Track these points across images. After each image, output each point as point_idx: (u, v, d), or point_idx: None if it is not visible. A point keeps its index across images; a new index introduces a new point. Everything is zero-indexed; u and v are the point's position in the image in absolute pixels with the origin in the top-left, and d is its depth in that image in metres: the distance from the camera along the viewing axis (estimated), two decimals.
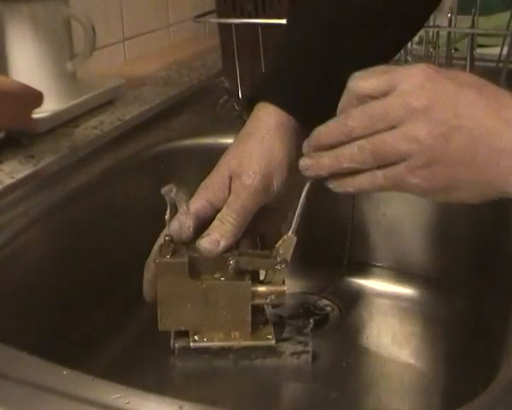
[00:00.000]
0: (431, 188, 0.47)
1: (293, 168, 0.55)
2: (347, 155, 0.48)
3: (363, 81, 0.48)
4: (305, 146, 0.52)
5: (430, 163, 0.45)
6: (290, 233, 0.55)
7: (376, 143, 0.47)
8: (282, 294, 0.56)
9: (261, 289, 0.56)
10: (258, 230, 0.58)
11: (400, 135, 0.46)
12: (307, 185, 0.54)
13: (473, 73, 0.48)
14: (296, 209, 0.55)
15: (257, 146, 0.56)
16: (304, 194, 0.54)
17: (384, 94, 0.47)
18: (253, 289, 0.56)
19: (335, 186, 0.51)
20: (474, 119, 0.45)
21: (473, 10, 0.93)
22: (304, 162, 0.52)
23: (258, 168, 0.55)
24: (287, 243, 0.55)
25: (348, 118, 0.48)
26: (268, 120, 0.57)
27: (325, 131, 0.50)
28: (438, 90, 0.45)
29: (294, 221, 0.55)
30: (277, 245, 0.56)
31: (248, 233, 0.56)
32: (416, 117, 0.45)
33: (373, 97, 0.47)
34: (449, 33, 0.87)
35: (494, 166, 0.45)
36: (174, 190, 0.53)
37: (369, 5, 0.59)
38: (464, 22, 0.95)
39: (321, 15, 0.60)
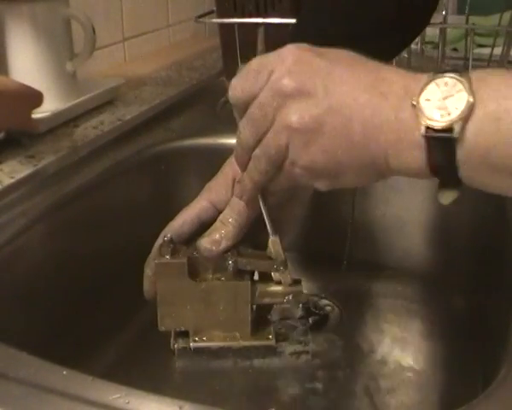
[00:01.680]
0: (315, 174, 0.45)
1: None
2: (255, 172, 0.48)
3: (238, 90, 0.47)
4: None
5: (306, 150, 0.44)
6: (271, 237, 0.55)
7: (264, 147, 0.46)
8: (300, 294, 0.56)
9: (278, 288, 0.56)
10: (257, 239, 0.57)
11: (277, 128, 0.44)
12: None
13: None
14: (264, 215, 0.54)
15: None
16: (260, 199, 0.53)
17: (260, 91, 0.45)
18: (272, 289, 0.56)
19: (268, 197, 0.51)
20: (346, 96, 0.42)
21: (466, 8, 0.94)
22: (235, 191, 0.52)
23: None
24: (274, 246, 0.55)
25: (238, 133, 0.47)
26: None
27: (235, 155, 0.50)
28: (306, 71, 0.44)
29: (267, 224, 0.54)
30: (267, 252, 0.55)
31: (249, 243, 0.56)
32: (287, 104, 0.44)
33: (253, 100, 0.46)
34: (443, 30, 0.87)
35: (372, 142, 0.42)
36: None
37: (375, 15, 0.59)
38: (464, 22, 0.95)
39: (326, 25, 0.60)
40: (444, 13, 0.86)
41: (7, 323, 0.55)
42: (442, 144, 0.39)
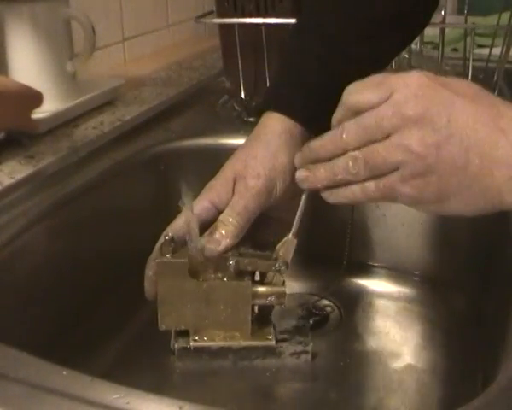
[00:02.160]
0: (422, 198, 0.47)
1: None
2: (341, 167, 0.49)
3: (358, 95, 0.48)
4: (298, 158, 0.53)
5: (421, 172, 0.45)
6: (291, 235, 0.55)
7: (369, 153, 0.47)
8: (283, 295, 0.57)
9: (261, 289, 0.56)
10: (260, 240, 0.58)
11: (392, 145, 0.46)
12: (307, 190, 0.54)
13: (466, 70, 0.48)
14: (297, 211, 0.55)
15: (262, 150, 0.57)
16: (304, 197, 0.54)
17: (379, 104, 0.47)
18: (254, 289, 0.56)
19: (329, 196, 0.51)
20: (467, 127, 0.44)
21: (465, 7, 0.94)
22: (300, 174, 0.53)
23: (263, 171, 0.55)
24: (287, 245, 0.55)
25: (343, 131, 0.48)
26: (274, 127, 0.57)
27: (320, 144, 0.51)
28: (432, 99, 0.45)
29: (295, 223, 0.55)
30: (278, 247, 0.56)
31: (250, 243, 0.57)
32: (408, 126, 0.45)
33: (368, 109, 0.47)
34: (443, 30, 0.87)
35: (487, 175, 0.44)
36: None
37: (375, 15, 0.59)
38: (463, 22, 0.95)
39: (327, 26, 0.60)
40: (443, 13, 0.86)
41: (7, 323, 0.55)
42: None
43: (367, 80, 0.48)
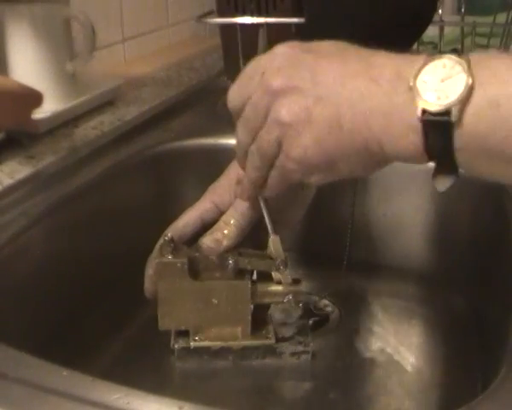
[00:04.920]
0: (309, 168, 0.45)
1: None
2: (250, 169, 0.49)
3: (235, 98, 0.48)
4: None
5: (298, 142, 0.44)
6: (272, 236, 0.55)
7: (258, 143, 0.46)
8: (300, 293, 0.57)
9: (278, 288, 0.56)
10: (260, 242, 0.58)
11: (269, 123, 0.45)
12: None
13: None
14: (265, 214, 0.54)
15: None
16: (260, 198, 0.54)
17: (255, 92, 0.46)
18: (272, 288, 0.56)
19: (260, 194, 0.51)
20: (333, 85, 0.42)
21: (462, 6, 0.94)
22: (236, 192, 0.53)
23: None
24: (274, 245, 0.55)
25: (236, 134, 0.48)
26: None
27: (236, 157, 0.51)
28: (295, 66, 0.44)
29: (267, 223, 0.54)
30: (268, 251, 0.56)
31: (250, 243, 0.57)
32: (277, 100, 0.44)
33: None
34: (442, 29, 0.87)
35: (364, 128, 0.41)
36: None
37: (377, 20, 0.59)
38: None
39: (330, 31, 0.60)
40: (440, 12, 0.86)
41: (7, 323, 0.55)
42: (439, 128, 0.38)
43: (241, 74, 0.48)
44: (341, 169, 0.44)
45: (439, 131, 0.38)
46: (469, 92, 0.37)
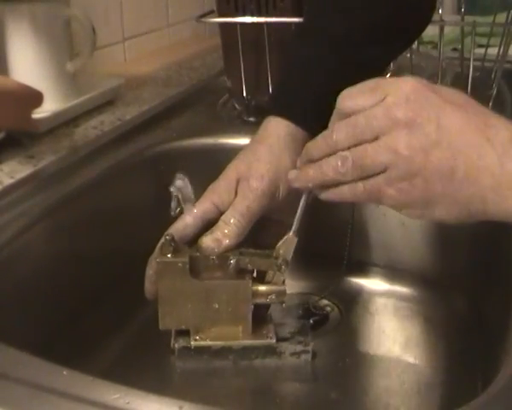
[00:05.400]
0: (407, 201, 0.47)
1: None
2: (330, 167, 0.49)
3: (351, 100, 0.49)
4: (298, 161, 0.53)
5: (408, 175, 0.45)
6: (292, 234, 0.56)
7: (358, 153, 0.47)
8: (283, 293, 0.57)
9: (262, 288, 0.56)
10: (260, 242, 0.58)
11: (381, 146, 0.46)
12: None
13: (465, 70, 0.48)
14: (297, 210, 0.55)
15: (266, 152, 0.57)
16: (305, 196, 0.54)
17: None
18: (254, 288, 0.56)
19: (320, 194, 0.52)
20: (455, 134, 0.44)
21: (462, 5, 0.94)
22: (291, 174, 0.53)
23: (266, 172, 0.56)
24: (287, 244, 0.56)
25: (333, 131, 0.49)
26: (277, 130, 0.58)
27: (313, 145, 0.51)
28: (422, 104, 0.45)
29: (296, 222, 0.55)
30: (278, 245, 0.56)
31: (250, 245, 0.57)
32: (397, 129, 0.45)
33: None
34: (442, 28, 0.87)
35: (473, 182, 0.44)
36: (185, 180, 0.53)
37: (377, 20, 0.60)
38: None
39: (330, 31, 0.60)
40: (440, 11, 0.86)
41: (7, 323, 0.55)
42: None
43: (361, 85, 0.49)
44: (436, 212, 0.46)
45: None
46: None
